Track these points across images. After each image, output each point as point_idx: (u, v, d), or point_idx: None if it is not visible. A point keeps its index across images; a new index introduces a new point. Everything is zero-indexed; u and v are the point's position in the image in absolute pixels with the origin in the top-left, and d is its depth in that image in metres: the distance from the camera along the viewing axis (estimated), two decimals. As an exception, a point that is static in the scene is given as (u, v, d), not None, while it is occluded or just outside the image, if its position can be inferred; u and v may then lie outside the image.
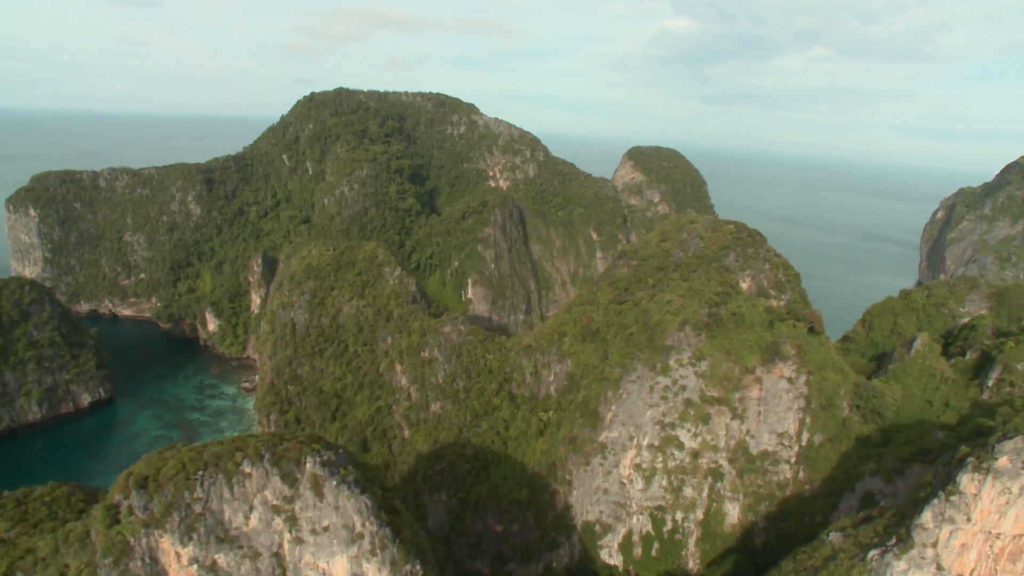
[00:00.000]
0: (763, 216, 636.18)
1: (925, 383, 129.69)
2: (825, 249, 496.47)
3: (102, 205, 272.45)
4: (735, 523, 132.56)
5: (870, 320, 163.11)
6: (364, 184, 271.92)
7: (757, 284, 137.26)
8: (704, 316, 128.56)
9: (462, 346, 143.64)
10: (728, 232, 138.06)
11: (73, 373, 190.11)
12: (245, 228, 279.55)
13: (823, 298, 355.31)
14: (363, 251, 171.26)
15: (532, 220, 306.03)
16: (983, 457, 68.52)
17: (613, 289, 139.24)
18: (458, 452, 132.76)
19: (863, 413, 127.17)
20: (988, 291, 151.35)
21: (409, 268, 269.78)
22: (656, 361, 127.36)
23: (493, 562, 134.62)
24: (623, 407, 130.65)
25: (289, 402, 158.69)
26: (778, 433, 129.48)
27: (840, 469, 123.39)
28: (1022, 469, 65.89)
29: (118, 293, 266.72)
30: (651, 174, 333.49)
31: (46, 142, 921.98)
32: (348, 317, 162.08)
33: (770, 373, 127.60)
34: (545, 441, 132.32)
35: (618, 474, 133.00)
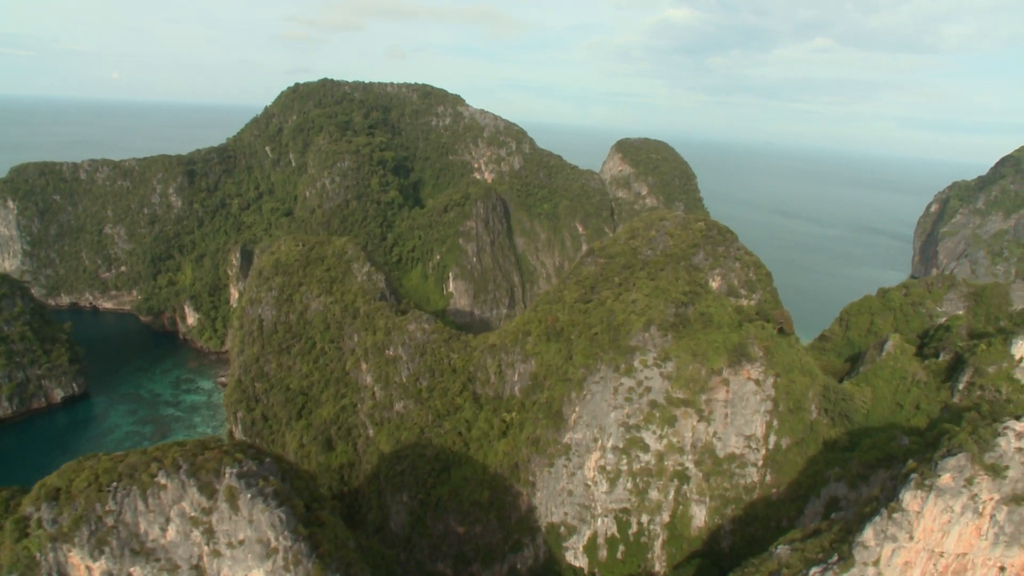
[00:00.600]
0: (759, 208, 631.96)
1: (896, 385, 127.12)
2: (819, 242, 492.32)
3: (82, 197, 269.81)
4: (701, 526, 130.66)
5: (847, 319, 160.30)
6: (346, 176, 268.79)
7: (727, 283, 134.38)
8: (670, 316, 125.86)
9: (426, 344, 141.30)
10: (698, 230, 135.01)
11: (45, 368, 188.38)
12: (226, 221, 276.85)
13: (814, 292, 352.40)
14: (333, 246, 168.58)
15: (517, 213, 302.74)
16: (926, 474, 65.91)
17: (579, 287, 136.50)
18: (419, 453, 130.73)
19: (832, 416, 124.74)
20: (966, 290, 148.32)
21: (391, 262, 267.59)
22: (620, 362, 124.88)
23: (456, 564, 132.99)
24: (587, 408, 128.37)
25: (256, 399, 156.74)
26: (745, 436, 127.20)
27: (806, 473, 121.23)
28: (964, 487, 63.28)
29: (99, 286, 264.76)
30: (639, 166, 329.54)
31: (39, 131, 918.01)
32: (316, 314, 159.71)
33: (737, 375, 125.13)
34: (507, 443, 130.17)
35: (582, 476, 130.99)
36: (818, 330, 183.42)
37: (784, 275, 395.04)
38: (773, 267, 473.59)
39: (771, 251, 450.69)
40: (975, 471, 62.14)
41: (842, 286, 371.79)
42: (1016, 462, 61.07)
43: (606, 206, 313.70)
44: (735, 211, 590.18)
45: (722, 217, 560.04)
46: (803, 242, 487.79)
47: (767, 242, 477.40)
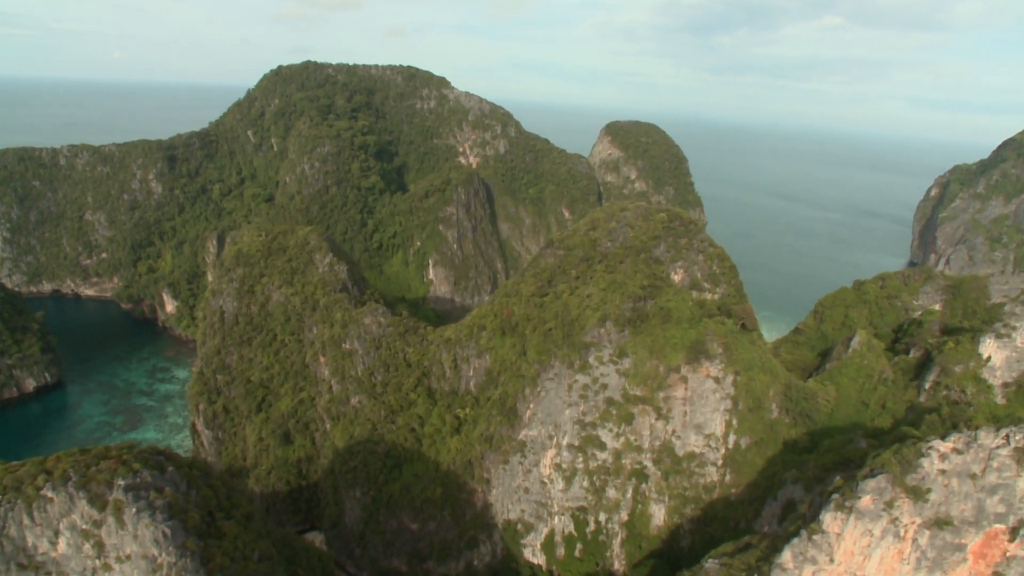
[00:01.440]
0: (758, 190, 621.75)
1: (862, 384, 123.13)
2: (817, 226, 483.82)
3: (62, 183, 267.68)
4: (661, 525, 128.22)
5: (821, 312, 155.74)
6: (325, 162, 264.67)
7: (690, 276, 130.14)
8: (627, 311, 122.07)
9: (381, 338, 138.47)
10: (659, 221, 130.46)
11: (16, 358, 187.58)
12: (207, 207, 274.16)
13: (807, 278, 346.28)
14: (296, 236, 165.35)
15: (501, 198, 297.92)
16: (847, 495, 62.35)
17: (536, 280, 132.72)
18: (370, 449, 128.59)
19: (793, 416, 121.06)
20: (943, 283, 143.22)
21: (371, 248, 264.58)
22: (574, 359, 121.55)
23: (410, 560, 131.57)
24: (541, 405, 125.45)
25: (218, 392, 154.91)
26: (705, 434, 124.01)
27: (765, 474, 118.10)
28: (883, 510, 59.70)
29: (80, 273, 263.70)
30: (628, 150, 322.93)
31: (39, 113, 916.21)
32: (277, 305, 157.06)
33: (696, 372, 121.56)
34: (460, 439, 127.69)
35: (538, 473, 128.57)
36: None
37: (777, 260, 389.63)
38: (767, 252, 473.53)
39: (766, 235, 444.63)
40: (896, 494, 58.55)
41: (837, 272, 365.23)
42: (939, 485, 57.41)
43: (593, 191, 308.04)
44: (733, 194, 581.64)
45: (718, 200, 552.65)
46: (801, 226, 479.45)
47: (763, 226, 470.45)
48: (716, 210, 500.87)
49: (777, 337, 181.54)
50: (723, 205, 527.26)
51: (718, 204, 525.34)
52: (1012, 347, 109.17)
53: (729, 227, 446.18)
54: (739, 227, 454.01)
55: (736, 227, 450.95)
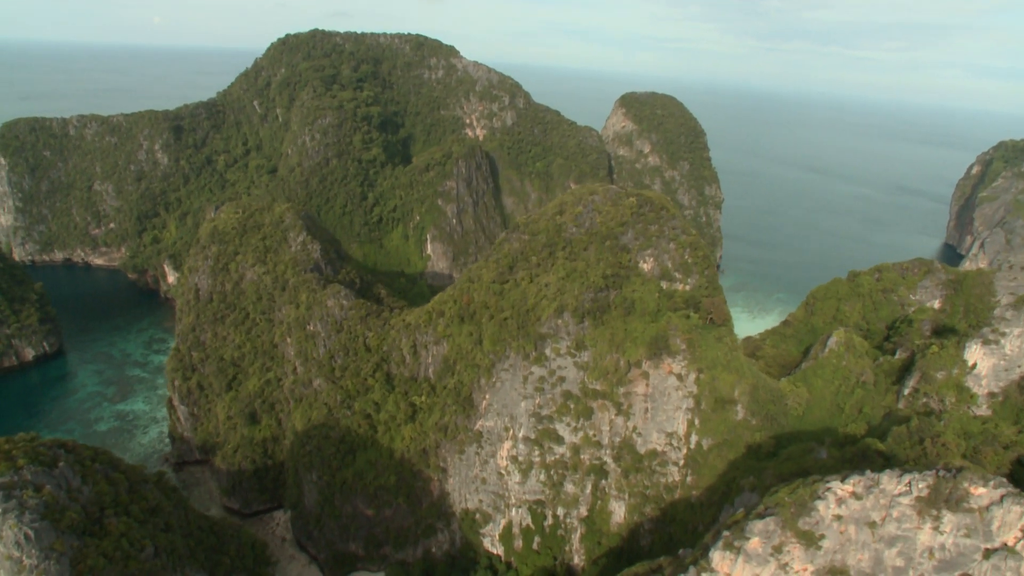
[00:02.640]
0: (791, 164, 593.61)
1: (838, 386, 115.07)
2: (849, 202, 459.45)
3: (72, 153, 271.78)
4: (621, 522, 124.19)
5: (812, 303, 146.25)
6: (326, 134, 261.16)
7: (660, 265, 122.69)
8: (587, 302, 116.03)
9: (343, 321, 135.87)
10: (628, 206, 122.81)
11: (15, 328, 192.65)
12: (211, 178, 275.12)
13: (832, 259, 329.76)
14: (272, 214, 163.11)
15: (506, 172, 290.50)
16: (736, 535, 56.60)
17: (497, 266, 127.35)
18: (324, 434, 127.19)
19: (760, 418, 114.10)
20: (945, 278, 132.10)
21: (371, 222, 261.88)
22: (529, 350, 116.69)
23: (367, 545, 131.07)
24: (497, 396, 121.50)
25: (193, 369, 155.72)
26: (667, 433, 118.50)
27: (726, 478, 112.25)
28: (772, 555, 53.83)
29: (89, 242, 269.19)
30: (643, 123, 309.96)
31: (79, 79, 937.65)
32: (250, 284, 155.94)
33: (657, 368, 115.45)
34: (413, 428, 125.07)
35: (495, 464, 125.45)
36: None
37: (802, 239, 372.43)
38: (792, 229, 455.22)
39: (794, 212, 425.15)
40: (785, 538, 52.66)
41: (865, 253, 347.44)
42: (834, 531, 51.22)
43: (603, 165, 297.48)
44: (764, 167, 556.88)
45: (746, 174, 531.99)
46: (832, 202, 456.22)
47: (791, 202, 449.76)
48: (743, 185, 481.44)
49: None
50: (752, 179, 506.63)
51: (746, 178, 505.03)
52: (1000, 354, 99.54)
53: (754, 203, 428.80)
54: (766, 203, 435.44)
55: (762, 203, 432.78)
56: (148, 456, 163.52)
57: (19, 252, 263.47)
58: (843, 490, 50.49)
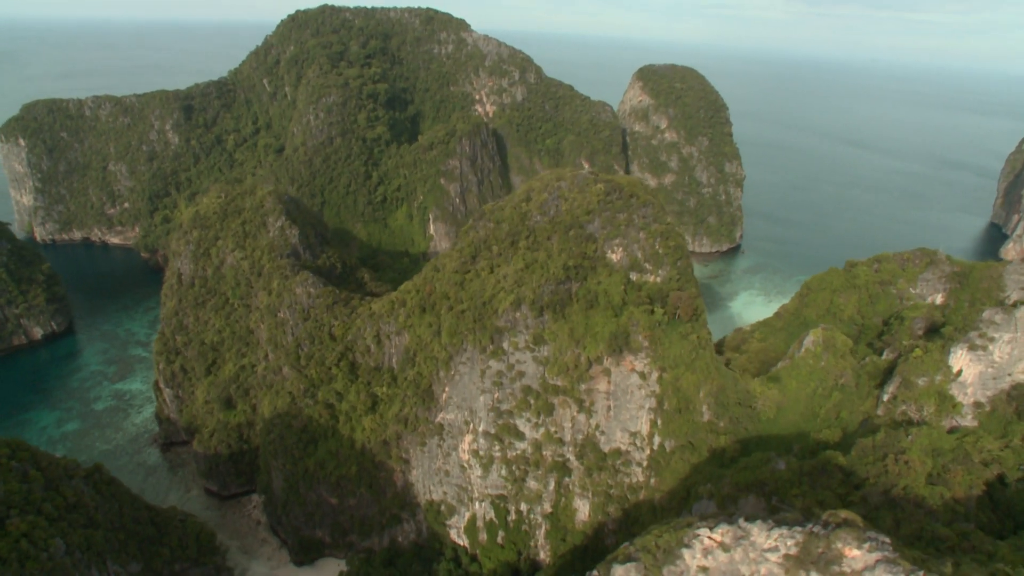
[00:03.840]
0: (828, 136, 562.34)
1: (814, 388, 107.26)
2: (888, 178, 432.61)
3: (88, 134, 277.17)
4: (585, 520, 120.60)
5: (806, 295, 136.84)
6: (330, 112, 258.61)
7: (629, 256, 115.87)
8: (547, 294, 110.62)
9: (310, 309, 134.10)
10: (594, 193, 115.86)
11: (23, 308, 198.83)
12: (221, 157, 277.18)
13: (864, 239, 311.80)
14: (253, 198, 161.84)
15: (514, 149, 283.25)
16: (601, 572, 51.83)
17: (460, 256, 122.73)
18: (287, 423, 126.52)
19: (726, 421, 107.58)
20: (949, 270, 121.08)
21: (375, 201, 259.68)
22: (486, 343, 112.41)
23: (333, 532, 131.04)
24: (456, 389, 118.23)
25: (176, 352, 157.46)
26: (631, 432, 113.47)
27: (687, 482, 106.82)
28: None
29: (105, 222, 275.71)
30: (660, 97, 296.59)
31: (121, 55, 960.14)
32: (229, 268, 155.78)
33: (619, 366, 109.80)
34: (374, 419, 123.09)
35: (457, 457, 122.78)
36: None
37: (834, 217, 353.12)
38: (823, 207, 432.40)
39: (827, 188, 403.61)
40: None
41: (901, 232, 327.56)
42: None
43: (616, 141, 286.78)
44: (798, 140, 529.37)
45: (779, 148, 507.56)
46: (870, 178, 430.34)
47: (825, 177, 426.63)
48: (774, 159, 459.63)
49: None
50: (784, 153, 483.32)
51: (778, 152, 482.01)
52: (988, 361, 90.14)
53: (784, 178, 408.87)
54: (797, 178, 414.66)
55: (794, 178, 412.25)
56: (139, 435, 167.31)
57: (40, 232, 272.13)
58: (711, 539, 44.95)
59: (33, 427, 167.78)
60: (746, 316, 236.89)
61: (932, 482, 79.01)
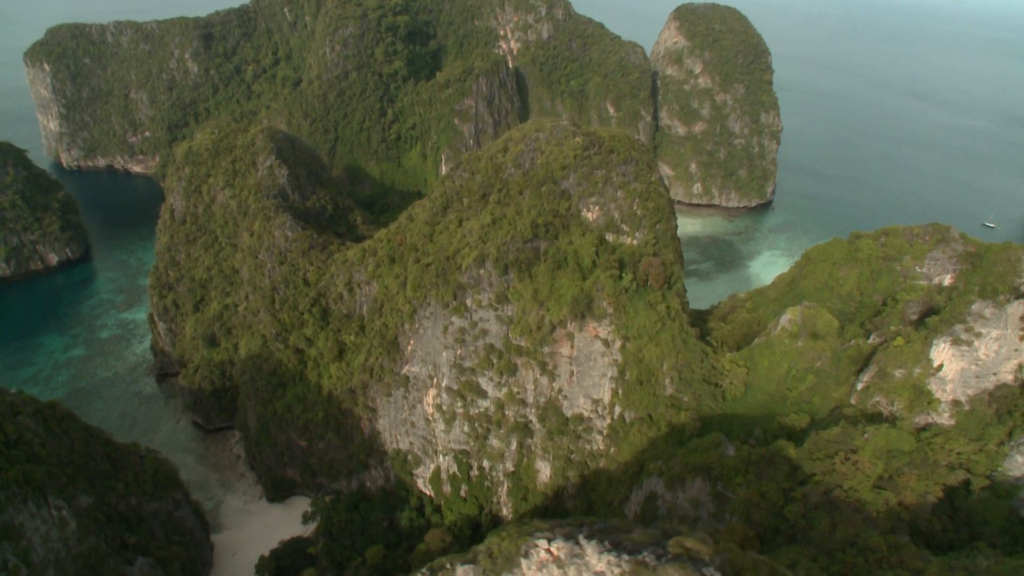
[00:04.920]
0: (886, 87, 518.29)
1: (786, 369, 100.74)
2: (946, 135, 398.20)
3: (110, 60, 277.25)
4: (547, 482, 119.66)
5: (805, 265, 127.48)
6: (347, 44, 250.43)
7: (606, 215, 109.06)
8: (513, 252, 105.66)
9: (287, 252, 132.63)
10: (571, 147, 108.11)
11: (38, 234, 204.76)
12: (239, 88, 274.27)
13: (912, 204, 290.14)
14: (246, 136, 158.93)
15: (536, 90, 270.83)
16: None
17: (433, 206, 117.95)
18: (258, 365, 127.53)
19: (690, 396, 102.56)
20: (962, 249, 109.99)
21: (389, 139, 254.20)
22: (449, 299, 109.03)
23: (303, 473, 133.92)
24: (420, 343, 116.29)
25: (169, 287, 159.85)
26: (593, 399, 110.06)
27: (641, 457, 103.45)
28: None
29: (127, 150, 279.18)
30: (696, 39, 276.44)
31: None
32: (219, 207, 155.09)
33: (582, 331, 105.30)
34: (340, 367, 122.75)
35: (422, 410, 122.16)
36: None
37: (879, 176, 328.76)
38: (868, 165, 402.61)
39: (876, 143, 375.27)
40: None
41: (953, 198, 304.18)
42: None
43: (645, 85, 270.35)
44: (851, 90, 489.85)
45: (829, 98, 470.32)
46: (926, 134, 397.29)
47: (875, 131, 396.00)
48: (821, 109, 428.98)
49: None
50: (835, 103, 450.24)
51: (828, 102, 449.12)
52: (972, 358, 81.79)
53: (830, 130, 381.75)
54: (844, 131, 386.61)
55: (840, 131, 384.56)
56: (138, 364, 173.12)
57: (66, 158, 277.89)
58: (547, 553, 41.37)
59: (42, 351, 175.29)
60: (764, 277, 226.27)
61: (882, 486, 73.27)
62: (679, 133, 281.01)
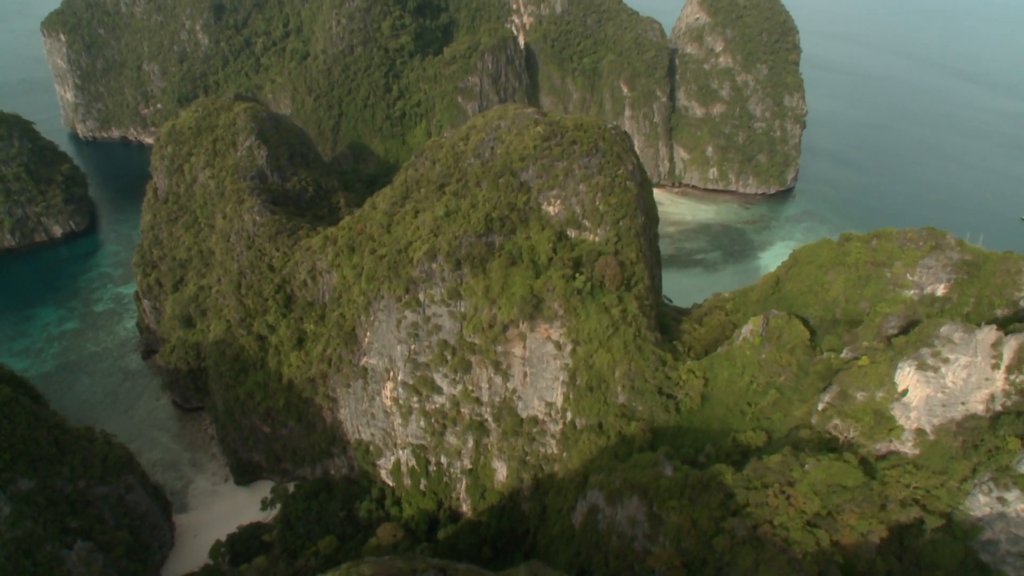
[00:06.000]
0: (934, 67, 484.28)
1: (748, 382, 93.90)
2: (997, 122, 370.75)
3: (124, 31, 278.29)
4: (503, 481, 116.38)
5: (791, 266, 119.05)
6: (352, 18, 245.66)
7: (568, 210, 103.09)
8: (466, 246, 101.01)
9: (254, 236, 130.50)
10: (532, 137, 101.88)
11: (42, 206, 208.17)
12: (248, 61, 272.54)
13: (954, 198, 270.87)
14: (229, 115, 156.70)
15: (546, 67, 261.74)
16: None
17: (392, 195, 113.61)
18: (222, 350, 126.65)
19: (643, 406, 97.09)
20: (958, 257, 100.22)
21: (394, 116, 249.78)
22: (401, 293, 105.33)
23: (267, 457, 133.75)
24: (376, 335, 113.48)
25: (153, 265, 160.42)
26: (547, 402, 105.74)
27: (587, 467, 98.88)
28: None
29: (140, 122, 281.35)
30: (718, 15, 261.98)
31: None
32: (200, 187, 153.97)
33: (534, 332, 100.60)
34: (299, 356, 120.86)
35: (381, 402, 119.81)
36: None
37: (915, 165, 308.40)
38: (906, 152, 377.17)
39: (914, 129, 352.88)
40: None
41: (998, 193, 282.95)
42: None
43: (662, 64, 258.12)
44: (892, 70, 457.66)
45: (860, 77, 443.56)
46: (973, 120, 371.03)
47: (915, 116, 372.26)
48: (856, 90, 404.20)
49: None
50: (872, 84, 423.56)
51: (864, 82, 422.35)
52: (939, 385, 74.20)
53: (867, 116, 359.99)
54: (880, 115, 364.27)
55: (876, 116, 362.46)
56: (127, 340, 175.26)
57: (81, 129, 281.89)
58: None
59: (37, 323, 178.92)
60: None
61: (816, 524, 67.29)
62: (696, 115, 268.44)
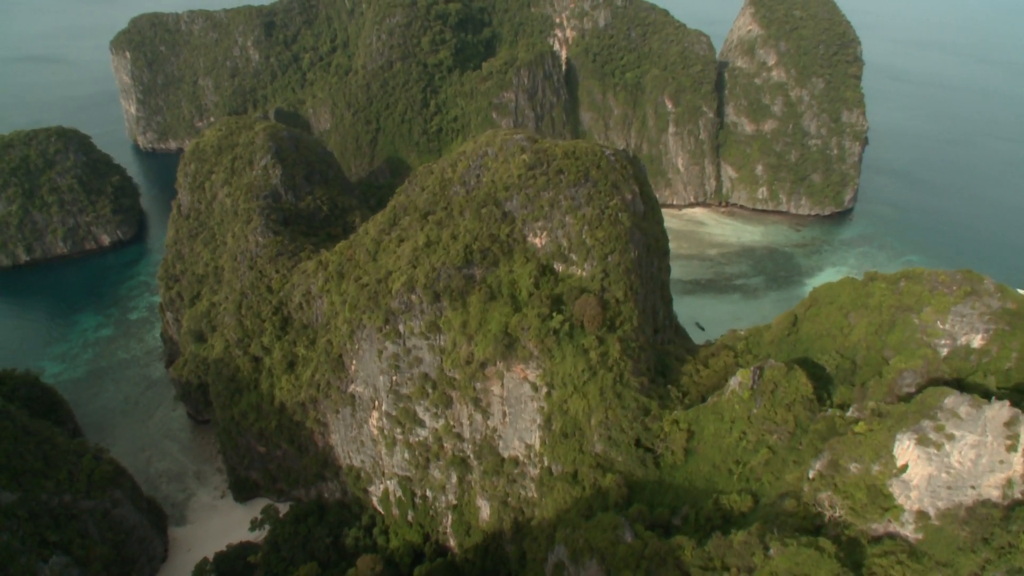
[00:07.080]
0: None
1: (738, 439, 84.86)
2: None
3: (182, 48, 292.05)
4: (487, 520, 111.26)
5: (811, 306, 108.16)
6: (392, 34, 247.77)
7: (554, 243, 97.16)
8: (445, 279, 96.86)
9: (256, 258, 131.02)
10: (517, 166, 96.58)
11: (92, 216, 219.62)
12: (295, 76, 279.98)
13: (987, 232, 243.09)
14: (249, 134, 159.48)
15: (587, 82, 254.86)
16: None
17: (382, 222, 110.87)
18: (219, 370, 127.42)
19: (622, 457, 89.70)
20: (997, 305, 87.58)
21: (431, 131, 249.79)
22: (380, 323, 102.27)
23: (264, 477, 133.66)
24: (362, 364, 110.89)
25: (175, 279, 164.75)
26: (526, 444, 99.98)
27: (563, 516, 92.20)
28: None
29: (195, 134, 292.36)
30: (772, 27, 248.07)
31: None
32: (219, 204, 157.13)
33: (511, 371, 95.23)
34: (290, 379, 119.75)
35: (368, 430, 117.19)
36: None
37: (996, 186, 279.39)
38: (984, 171, 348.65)
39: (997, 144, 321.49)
40: None
41: None
42: None
43: (708, 78, 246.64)
44: (984, 80, 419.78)
45: (938, 88, 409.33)
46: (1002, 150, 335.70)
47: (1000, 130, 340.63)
48: (932, 102, 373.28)
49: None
50: (952, 96, 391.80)
51: (943, 94, 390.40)
52: (943, 465, 63.70)
53: (942, 128, 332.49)
54: (960, 131, 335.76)
55: (956, 131, 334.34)
56: (154, 348, 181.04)
57: (142, 140, 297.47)
58: None
59: (77, 328, 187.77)
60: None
61: (777, 620, 58.57)
62: (746, 131, 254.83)
